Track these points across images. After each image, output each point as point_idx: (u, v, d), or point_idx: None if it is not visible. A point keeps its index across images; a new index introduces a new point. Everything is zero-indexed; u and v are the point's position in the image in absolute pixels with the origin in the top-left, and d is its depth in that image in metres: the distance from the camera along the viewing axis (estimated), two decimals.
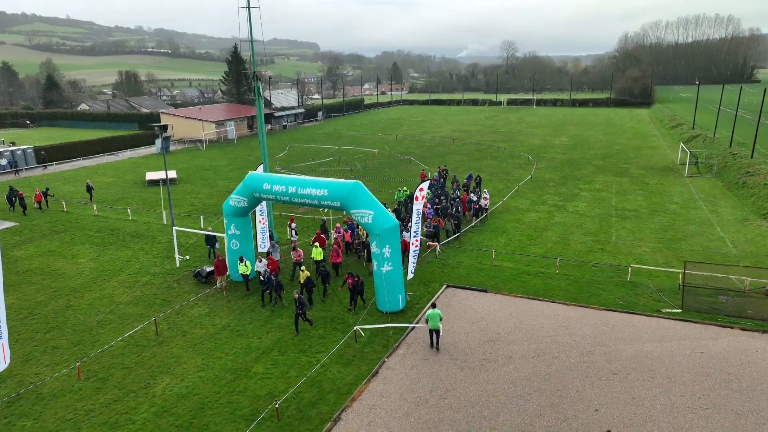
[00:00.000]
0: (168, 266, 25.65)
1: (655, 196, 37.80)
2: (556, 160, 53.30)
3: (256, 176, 21.90)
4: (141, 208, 36.46)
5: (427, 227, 27.16)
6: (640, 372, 16.04)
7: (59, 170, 52.32)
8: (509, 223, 31.83)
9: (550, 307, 20.54)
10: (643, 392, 15.05)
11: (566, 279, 23.35)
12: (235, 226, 22.79)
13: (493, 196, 38.27)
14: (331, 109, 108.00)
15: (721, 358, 16.70)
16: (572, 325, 19.04)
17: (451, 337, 18.17)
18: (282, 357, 17.19)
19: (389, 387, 15.58)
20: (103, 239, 29.99)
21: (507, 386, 15.49)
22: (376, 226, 19.43)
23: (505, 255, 26.23)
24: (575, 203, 36.44)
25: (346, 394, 15.24)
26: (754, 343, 17.58)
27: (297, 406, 14.77)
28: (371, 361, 16.92)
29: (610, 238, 28.99)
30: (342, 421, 14.10)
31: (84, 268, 25.59)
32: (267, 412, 14.40)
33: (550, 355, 17.07)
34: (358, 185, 20.12)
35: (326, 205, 20.64)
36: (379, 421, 14.03)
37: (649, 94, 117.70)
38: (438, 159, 53.52)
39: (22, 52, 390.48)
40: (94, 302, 21.77)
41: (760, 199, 34.72)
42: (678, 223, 31.38)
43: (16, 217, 34.48)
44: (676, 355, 16.95)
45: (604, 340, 17.99)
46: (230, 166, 52.79)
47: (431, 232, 26.87)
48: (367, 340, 18.21)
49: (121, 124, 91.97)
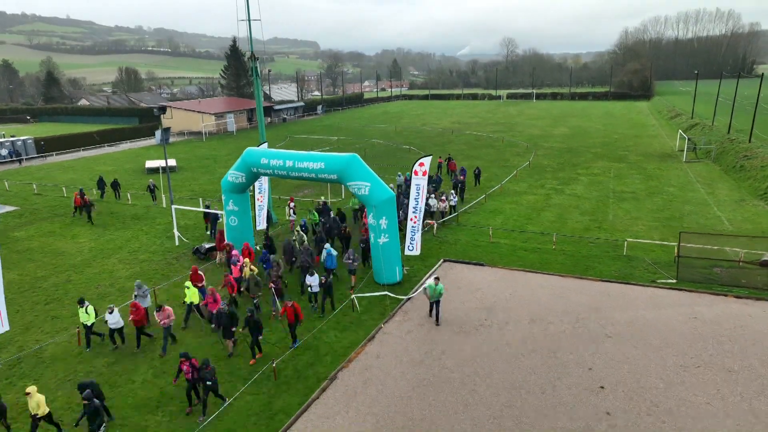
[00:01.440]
0: (167, 245, 25.83)
1: (652, 180, 37.92)
2: (555, 148, 53.38)
3: (254, 151, 22.05)
4: (140, 193, 36.63)
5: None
6: (634, 336, 16.20)
7: (59, 160, 52.50)
8: (507, 205, 31.97)
9: (546, 279, 20.69)
10: (637, 353, 15.20)
11: (563, 254, 23.50)
12: (234, 203, 22.93)
13: (490, 180, 38.47)
14: (331, 103, 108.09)
15: (714, 323, 16.85)
16: (568, 295, 19.19)
17: (448, 306, 18.30)
18: (281, 324, 17.33)
19: (385, 349, 15.75)
20: (103, 221, 30.16)
21: (502, 348, 15.65)
22: (372, 198, 19.57)
23: (503, 233, 26.38)
24: (573, 186, 36.57)
25: (343, 356, 15.41)
26: (747, 309, 17.72)
27: (294, 367, 14.94)
28: (368, 328, 17.09)
29: (607, 217, 29.13)
30: (338, 380, 14.27)
31: (84, 247, 25.77)
32: (264, 372, 14.57)
33: (545, 321, 17.23)
34: (355, 158, 20.26)
35: (323, 179, 20.77)
36: (375, 380, 14.19)
37: (649, 87, 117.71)
38: (437, 148, 53.59)
39: (22, 51, 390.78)
40: (93, 277, 21.96)
41: (758, 180, 34.82)
42: (675, 204, 31.51)
43: (16, 201, 34.66)
44: (670, 320, 17.10)
45: (599, 307, 18.14)
46: (229, 156, 52.90)
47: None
48: (364, 310, 18.36)
49: (121, 118, 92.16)
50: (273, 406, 13.25)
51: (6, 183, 39.65)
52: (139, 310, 16.02)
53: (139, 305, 16.15)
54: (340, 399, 13.42)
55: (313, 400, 13.38)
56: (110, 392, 13.84)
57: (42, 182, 40.80)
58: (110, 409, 12.99)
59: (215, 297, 16.93)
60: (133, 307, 16.06)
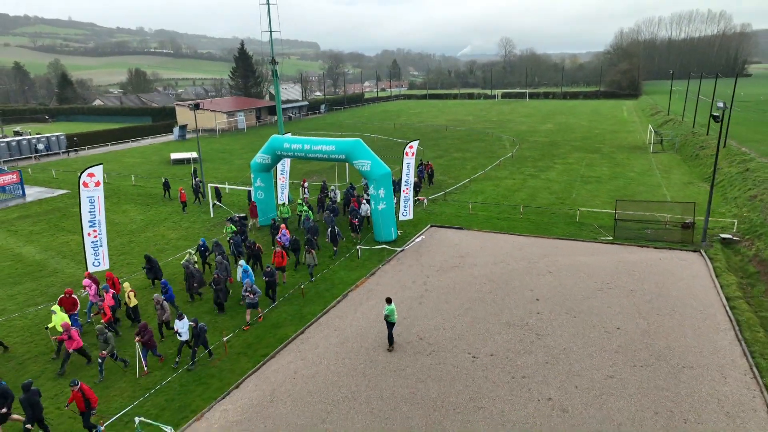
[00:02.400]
0: (204, 217, 31.29)
1: (618, 167, 43.32)
2: (539, 142, 58.75)
3: (279, 138, 27.51)
4: (171, 178, 42.05)
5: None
6: (570, 272, 21.60)
7: (89, 154, 58.02)
8: (488, 187, 37.39)
9: (511, 238, 26.13)
10: (568, 281, 20.62)
11: (527, 221, 28.92)
12: (261, 180, 28.38)
13: (477, 169, 43.89)
14: (333, 102, 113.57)
15: (631, 264, 22.27)
16: (525, 248, 24.62)
17: (431, 255, 23.73)
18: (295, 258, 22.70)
19: (382, 280, 21.21)
20: (145, 201, 35.63)
21: (469, 279, 21.09)
22: (373, 173, 25.00)
23: (481, 206, 31.82)
24: (547, 173, 41.98)
25: (351, 284, 20.85)
26: (660, 255, 23.17)
27: (316, 291, 20.39)
28: (370, 268, 22.52)
29: (571, 195, 34.53)
30: (348, 297, 19.72)
31: (135, 218, 31.25)
32: (293, 294, 20.01)
33: (504, 263, 22.66)
34: (359, 142, 25.72)
35: (334, 159, 26.22)
36: (375, 297, 19.61)
37: (636, 86, 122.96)
38: (432, 143, 59.04)
39: (27, 53, 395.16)
40: (149, 239, 27.43)
41: (706, 167, 40.22)
42: (631, 186, 36.90)
43: (66, 186, 40.16)
44: (599, 262, 22.52)
45: (547, 254, 23.57)
46: (243, 150, 58.37)
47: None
48: (366, 258, 23.78)
49: (134, 117, 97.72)
50: (303, 312, 18.70)
51: (53, 171, 45.20)
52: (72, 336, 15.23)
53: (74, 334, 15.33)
54: (350, 307, 18.86)
55: (331, 307, 18.85)
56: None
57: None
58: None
59: (70, 334, 15.25)
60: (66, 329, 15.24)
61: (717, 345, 15.74)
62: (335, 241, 23.78)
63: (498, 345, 16.06)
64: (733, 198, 31.65)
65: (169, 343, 17.03)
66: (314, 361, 15.53)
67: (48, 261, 24.74)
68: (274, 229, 24.94)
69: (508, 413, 12.93)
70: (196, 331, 15.49)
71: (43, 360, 16.24)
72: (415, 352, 15.85)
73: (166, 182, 36.85)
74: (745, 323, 16.91)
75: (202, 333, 15.51)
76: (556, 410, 12.99)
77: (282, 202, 30.95)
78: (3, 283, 22.07)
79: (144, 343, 15.44)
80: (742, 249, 23.86)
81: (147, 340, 15.44)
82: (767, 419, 12.45)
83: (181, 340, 15.82)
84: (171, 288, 18.63)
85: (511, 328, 17.11)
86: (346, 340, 16.64)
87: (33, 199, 36.43)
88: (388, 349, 15.96)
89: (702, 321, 17.22)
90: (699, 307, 18.15)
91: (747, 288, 20.17)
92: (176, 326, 15.86)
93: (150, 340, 15.52)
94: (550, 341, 16.20)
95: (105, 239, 21.08)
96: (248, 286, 17.84)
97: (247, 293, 17.87)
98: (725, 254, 23.31)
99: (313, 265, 21.53)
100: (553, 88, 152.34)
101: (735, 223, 26.74)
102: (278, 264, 20.73)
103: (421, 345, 16.21)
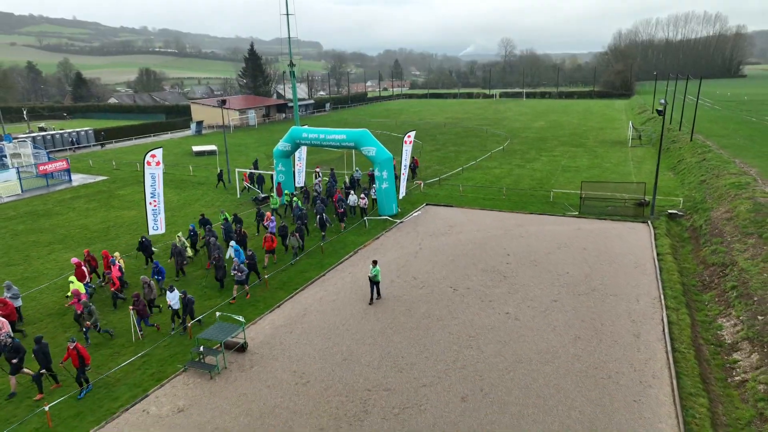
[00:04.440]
0: (231, 197, 36.37)
1: (597, 159, 48.26)
2: (530, 137, 63.69)
3: (297, 129, 32.56)
4: (196, 166, 47.15)
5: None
6: (538, 237, 26.59)
7: (116, 147, 63.16)
8: (478, 175, 42.38)
9: (493, 213, 31.12)
10: (535, 244, 25.59)
11: (509, 201, 33.90)
12: (282, 165, 33.42)
13: (470, 160, 48.85)
14: (337, 101, 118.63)
15: (589, 231, 27.25)
16: (504, 220, 29.62)
17: (425, 226, 28.73)
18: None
19: (386, 242, 26.24)
20: (177, 185, 40.71)
21: (455, 242, 26.09)
22: (378, 157, 29.99)
23: (470, 189, 36.82)
24: (533, 164, 46.95)
25: (360, 244, 25.87)
26: (612, 225, 28.16)
27: (332, 249, 25.41)
28: (375, 234, 27.53)
29: (550, 182, 39.49)
30: (358, 253, 24.76)
31: (171, 199, 36.30)
32: (313, 250, 25.02)
33: (485, 231, 27.66)
34: (366, 132, 30.74)
35: (345, 146, 31.24)
36: (379, 254, 24.60)
37: (629, 86, 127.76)
38: (430, 138, 64.04)
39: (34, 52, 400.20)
40: (188, 214, 32.47)
41: (674, 158, 45.18)
42: (605, 174, 41.81)
43: (104, 173, 45.24)
44: (563, 230, 27.50)
45: (521, 224, 28.58)
46: (256, 144, 63.46)
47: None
48: (372, 227, 28.79)
49: (148, 115, 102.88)
50: (323, 263, 23.72)
51: (90, 161, 50.33)
52: (7, 305, 17.54)
53: (7, 301, 17.71)
54: (360, 259, 23.89)
55: (345, 259, 23.91)
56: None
57: (119, 160, 51.40)
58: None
59: (80, 298, 17.81)
60: (1, 303, 17.49)
61: (639, 282, 20.73)
62: (323, 227, 26.95)
63: (473, 282, 21.07)
64: (689, 183, 36.59)
65: (156, 317, 19.19)
66: (334, 292, 20.56)
67: (109, 229, 29.83)
68: (259, 216, 28.23)
69: (477, 321, 17.92)
70: (185, 301, 17.55)
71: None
72: (410, 287, 20.86)
73: (220, 173, 40.03)
74: (665, 270, 21.88)
75: (190, 304, 17.56)
76: (511, 319, 17.99)
77: (300, 184, 35.94)
78: (79, 244, 27.14)
79: (138, 312, 17.30)
80: (683, 221, 28.85)
81: (140, 309, 17.27)
82: (660, 324, 17.42)
83: (172, 309, 17.77)
84: (163, 268, 20.90)
85: (485, 272, 22.11)
86: (358, 279, 21.65)
87: (78, 184, 41.51)
88: (370, 304, 19.21)
89: (633, 268, 22.21)
90: (634, 259, 23.13)
91: (678, 248, 25.16)
92: (168, 298, 17.75)
93: (143, 309, 17.34)
94: (514, 281, 21.20)
95: (162, 208, 26.05)
96: (236, 265, 20.21)
97: (235, 271, 20.17)
98: (668, 225, 28.27)
99: (296, 247, 24.23)
100: (550, 87, 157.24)
101: (681, 201, 31.71)
102: (268, 247, 23.12)
103: (415, 282, 21.23)
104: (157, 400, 14.01)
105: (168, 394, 14.26)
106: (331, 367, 15.33)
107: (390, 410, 13.32)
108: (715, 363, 15.78)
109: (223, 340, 15.38)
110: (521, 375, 14.68)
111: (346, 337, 17.07)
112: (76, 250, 25.96)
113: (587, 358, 15.44)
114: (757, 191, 28.18)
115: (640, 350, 15.84)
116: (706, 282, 21.25)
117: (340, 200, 29.69)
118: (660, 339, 16.45)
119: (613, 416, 12.89)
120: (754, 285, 18.55)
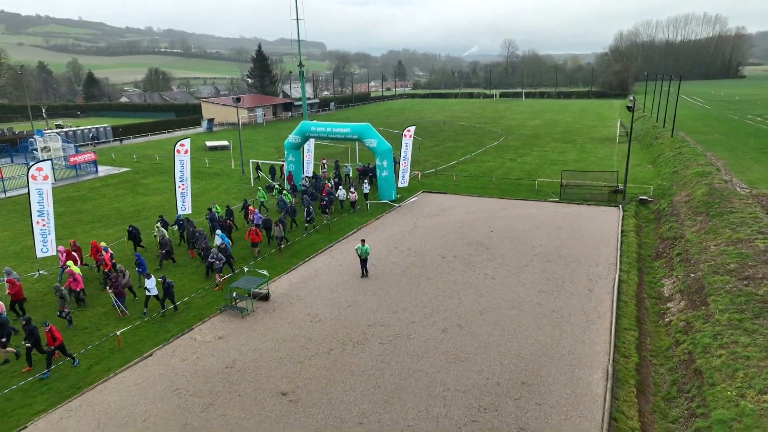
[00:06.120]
0: (246, 186, 39.99)
1: (584, 153, 51.71)
2: (524, 134, 67.17)
3: (307, 123, 36.18)
4: (211, 159, 50.82)
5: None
6: (519, 218, 30.10)
7: (134, 143, 66.98)
8: (472, 167, 45.90)
9: (482, 199, 34.67)
10: (516, 224, 29.12)
11: (498, 188, 37.43)
12: (292, 156, 37.04)
13: (465, 154, 52.36)
14: (342, 100, 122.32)
15: (565, 213, 30.75)
16: (491, 205, 33.15)
17: (421, 209, 32.29)
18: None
19: (384, 222, 29.83)
20: (194, 175, 44.15)
21: (446, 221, 29.65)
22: (379, 148, 33.55)
23: (463, 178, 40.35)
24: (524, 158, 50.43)
25: (363, 223, 29.45)
26: (589, 208, 31.67)
27: (338, 226, 29.01)
28: (376, 215, 31.11)
29: (538, 173, 42.99)
30: (361, 229, 28.35)
31: (193, 187, 39.87)
32: (322, 229, 28.60)
33: (473, 213, 31.20)
34: (369, 126, 34.32)
35: (350, 138, 34.83)
36: (379, 230, 28.18)
37: (626, 86, 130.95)
38: (430, 135, 67.59)
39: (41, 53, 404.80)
40: (208, 200, 36.10)
41: (654, 153, 48.59)
42: (589, 167, 45.25)
43: (127, 165, 48.96)
44: (543, 213, 31.01)
45: (505, 207, 32.12)
46: (265, 140, 67.16)
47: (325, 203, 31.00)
48: (374, 210, 32.36)
49: (159, 113, 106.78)
50: (330, 238, 27.32)
51: (112, 155, 54.11)
52: (15, 284, 18.44)
53: (15, 282, 18.59)
54: (362, 234, 27.43)
55: (350, 234, 27.52)
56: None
57: (138, 154, 55.15)
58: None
59: (75, 277, 18.84)
60: (10, 282, 18.38)
61: (601, 252, 24.24)
62: (311, 219, 28.59)
63: (459, 252, 24.62)
64: (663, 173, 40.03)
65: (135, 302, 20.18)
66: (341, 258, 24.16)
67: (140, 211, 33.54)
68: (244, 209, 29.92)
69: (459, 280, 21.47)
70: (165, 285, 18.34)
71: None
72: (405, 255, 24.42)
73: (258, 166, 42.50)
74: (626, 243, 25.37)
75: (170, 288, 18.40)
76: (489, 278, 21.53)
77: (309, 174, 39.55)
78: (115, 223, 30.83)
79: (116, 293, 18.77)
80: (651, 206, 32.32)
81: (118, 291, 18.75)
82: (612, 282, 20.92)
83: (148, 295, 18.78)
84: (144, 260, 21.68)
85: (470, 245, 25.66)
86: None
87: (105, 174, 45.26)
88: (362, 277, 21.82)
89: (599, 242, 25.72)
90: (600, 235, 26.64)
91: (642, 227, 28.65)
92: (146, 284, 18.70)
93: (120, 291, 18.78)
94: (494, 251, 24.74)
95: (189, 191, 29.61)
96: (214, 254, 21.18)
97: (213, 259, 21.19)
98: (637, 209, 31.75)
99: (280, 237, 25.30)
100: (550, 88, 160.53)
101: (652, 188, 35.17)
102: (253, 240, 24.33)
103: (409, 252, 24.80)
104: (201, 332, 17.63)
105: (209, 328, 17.89)
106: (339, 310, 18.93)
107: (385, 338, 16.90)
108: (653, 311, 19.31)
109: (251, 289, 18.99)
110: (491, 316, 18.24)
111: (351, 290, 20.66)
112: (115, 227, 29.66)
113: (547, 305, 18.98)
114: (716, 178, 31.65)
115: (591, 300, 19.37)
116: (659, 252, 24.76)
117: (329, 193, 31.52)
118: (609, 292, 19.97)
119: (561, 342, 16.42)
120: (693, 252, 22.06)
